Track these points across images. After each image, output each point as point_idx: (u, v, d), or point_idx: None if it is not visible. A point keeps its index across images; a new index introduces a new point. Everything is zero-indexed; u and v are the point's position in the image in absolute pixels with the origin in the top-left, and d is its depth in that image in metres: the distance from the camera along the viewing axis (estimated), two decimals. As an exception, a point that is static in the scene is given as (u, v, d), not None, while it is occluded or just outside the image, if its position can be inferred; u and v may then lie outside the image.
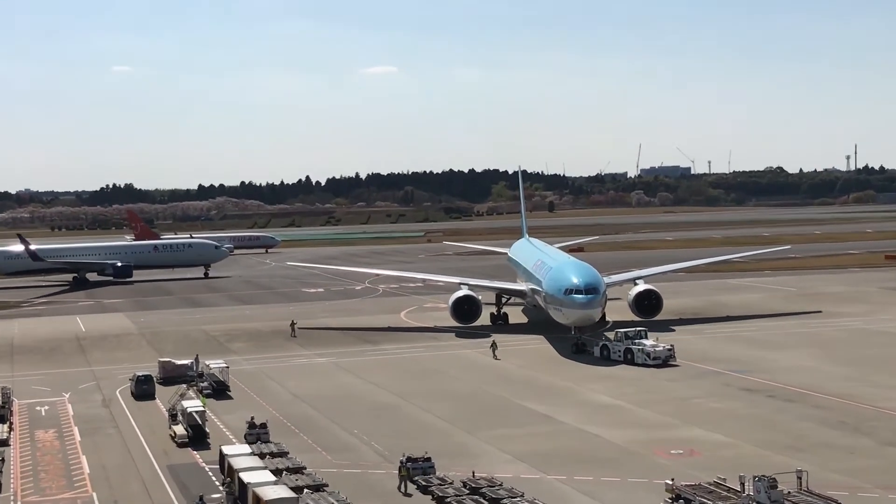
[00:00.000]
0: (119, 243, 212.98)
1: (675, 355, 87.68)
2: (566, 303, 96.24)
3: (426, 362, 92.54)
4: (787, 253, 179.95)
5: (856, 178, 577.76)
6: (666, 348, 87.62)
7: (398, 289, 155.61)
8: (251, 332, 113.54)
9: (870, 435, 61.74)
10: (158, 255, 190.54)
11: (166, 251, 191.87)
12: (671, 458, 58.23)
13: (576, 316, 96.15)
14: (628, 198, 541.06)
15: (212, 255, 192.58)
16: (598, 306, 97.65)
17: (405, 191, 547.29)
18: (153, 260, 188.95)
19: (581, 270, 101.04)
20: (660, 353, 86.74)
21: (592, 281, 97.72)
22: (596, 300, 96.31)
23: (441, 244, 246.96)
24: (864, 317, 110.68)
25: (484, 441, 63.48)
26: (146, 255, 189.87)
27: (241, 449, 57.38)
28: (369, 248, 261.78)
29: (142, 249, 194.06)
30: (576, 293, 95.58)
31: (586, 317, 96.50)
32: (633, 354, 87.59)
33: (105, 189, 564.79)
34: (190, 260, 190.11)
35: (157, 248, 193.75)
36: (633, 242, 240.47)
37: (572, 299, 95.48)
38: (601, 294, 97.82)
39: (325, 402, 76.12)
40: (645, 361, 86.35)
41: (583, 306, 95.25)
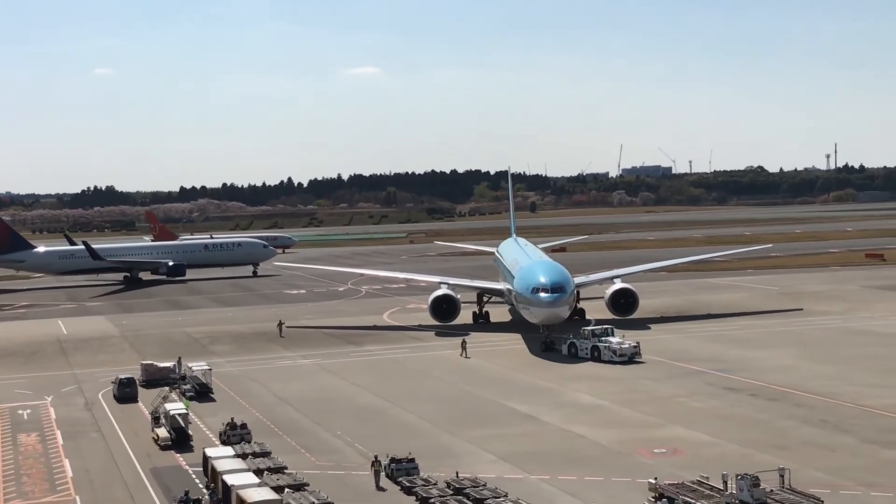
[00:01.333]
0: (171, 243, 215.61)
1: (640, 352, 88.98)
2: (533, 301, 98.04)
3: (409, 363, 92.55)
4: (769, 252, 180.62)
5: (836, 176, 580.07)
6: (632, 345, 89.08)
7: (381, 290, 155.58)
8: (234, 334, 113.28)
9: (851, 433, 62.01)
10: (209, 254, 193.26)
11: (216, 250, 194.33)
12: (654, 457, 58.37)
13: (542, 314, 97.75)
14: (610, 198, 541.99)
15: (260, 254, 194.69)
16: (564, 305, 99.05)
17: (387, 192, 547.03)
18: (204, 259, 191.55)
19: (549, 269, 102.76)
20: (626, 350, 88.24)
21: (559, 280, 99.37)
22: (562, 299, 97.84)
23: (426, 244, 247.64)
24: (845, 315, 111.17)
25: (467, 441, 63.49)
26: (197, 254, 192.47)
27: (224, 451, 57.29)
28: (352, 250, 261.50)
29: (193, 248, 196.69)
30: (542, 292, 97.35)
31: (552, 315, 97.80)
32: (599, 352, 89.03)
33: (86, 192, 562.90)
34: (239, 259, 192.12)
35: (207, 248, 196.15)
36: (615, 242, 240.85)
37: (539, 298, 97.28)
38: (568, 293, 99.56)
39: (308, 404, 76.03)
40: (611, 358, 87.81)
41: (549, 305, 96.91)
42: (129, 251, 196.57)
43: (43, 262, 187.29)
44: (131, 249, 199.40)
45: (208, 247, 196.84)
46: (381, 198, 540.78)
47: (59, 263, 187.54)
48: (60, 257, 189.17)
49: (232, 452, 56.99)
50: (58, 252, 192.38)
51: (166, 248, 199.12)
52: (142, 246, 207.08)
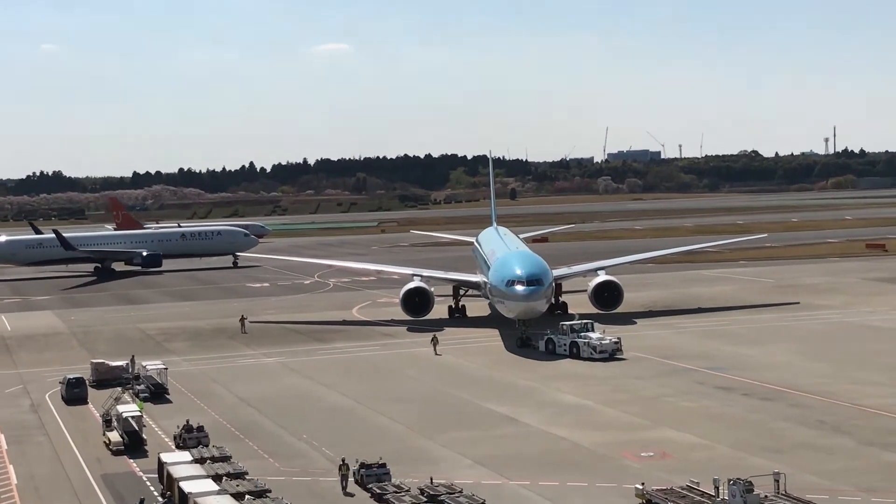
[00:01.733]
0: (146, 231, 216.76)
1: (622, 348, 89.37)
2: (508, 294, 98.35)
3: (380, 362, 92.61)
4: (763, 242, 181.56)
5: (834, 162, 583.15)
6: (613, 341, 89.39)
7: (350, 283, 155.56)
8: (191, 331, 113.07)
9: (850, 434, 62.46)
10: (186, 243, 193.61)
11: (194, 239, 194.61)
12: (641, 460, 58.62)
13: (518, 308, 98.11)
14: (595, 184, 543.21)
15: (241, 244, 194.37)
16: (541, 298, 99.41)
17: (357, 178, 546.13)
18: (180, 248, 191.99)
19: (526, 261, 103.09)
20: (606, 347, 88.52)
21: (536, 272, 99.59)
22: (539, 292, 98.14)
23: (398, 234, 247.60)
24: (844, 309, 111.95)
25: (442, 445, 63.61)
26: (174, 243, 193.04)
27: (180, 456, 57.16)
28: (318, 240, 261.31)
29: (169, 237, 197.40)
30: (517, 284, 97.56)
31: (528, 309, 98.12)
32: (578, 348, 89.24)
33: (31, 177, 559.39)
34: (219, 248, 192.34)
35: (184, 237, 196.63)
36: (601, 232, 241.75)
37: (514, 291, 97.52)
38: (546, 286, 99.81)
39: (272, 406, 75.95)
40: (591, 355, 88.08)
41: (524, 298, 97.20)
42: (102, 240, 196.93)
43: (7, 252, 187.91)
44: (103, 238, 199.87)
45: (185, 236, 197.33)
46: (351, 184, 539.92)
47: (26, 253, 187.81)
48: (27, 247, 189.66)
49: (189, 457, 56.87)
50: (24, 241, 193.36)
51: (141, 237, 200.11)
52: (115, 235, 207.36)
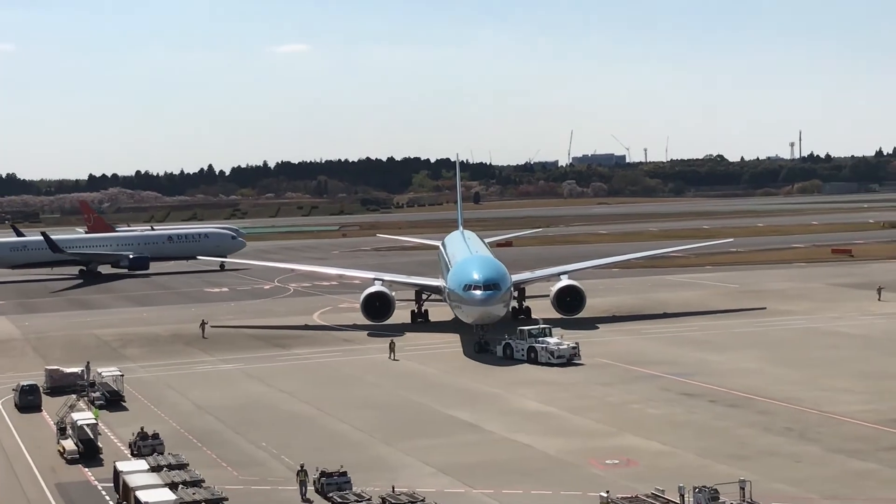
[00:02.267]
0: (132, 234, 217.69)
1: (580, 353, 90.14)
2: (465, 299, 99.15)
3: (342, 368, 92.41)
4: (729, 247, 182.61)
5: (800, 166, 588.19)
6: (571, 346, 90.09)
7: (311, 288, 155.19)
8: (148, 337, 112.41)
9: (817, 442, 62.83)
10: (173, 245, 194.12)
11: (181, 241, 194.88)
12: (606, 468, 58.72)
13: (475, 313, 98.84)
14: (560, 188, 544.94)
15: (229, 246, 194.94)
16: (498, 303, 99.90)
17: (318, 181, 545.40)
18: (167, 251, 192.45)
19: (483, 265, 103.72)
20: (564, 352, 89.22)
21: (493, 276, 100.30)
22: (496, 296, 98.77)
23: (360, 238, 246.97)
24: (810, 315, 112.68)
25: (404, 453, 63.48)
26: (160, 245, 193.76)
27: (136, 465, 56.73)
28: (279, 244, 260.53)
29: (156, 240, 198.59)
30: (474, 289, 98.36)
31: (485, 314, 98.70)
32: (536, 353, 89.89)
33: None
34: (206, 251, 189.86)
35: (171, 239, 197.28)
36: (565, 236, 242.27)
37: (471, 296, 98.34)
38: (503, 290, 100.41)
39: (231, 413, 75.59)
40: (549, 360, 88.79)
41: (481, 303, 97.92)
42: (87, 242, 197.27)
43: None
44: (89, 241, 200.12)
45: (172, 238, 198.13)
46: (311, 187, 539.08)
47: (10, 256, 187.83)
48: (11, 249, 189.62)
49: (146, 466, 56.46)
50: (8, 244, 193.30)
51: (127, 239, 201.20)
52: (101, 237, 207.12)
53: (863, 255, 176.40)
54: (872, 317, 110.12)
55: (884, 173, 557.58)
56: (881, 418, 67.54)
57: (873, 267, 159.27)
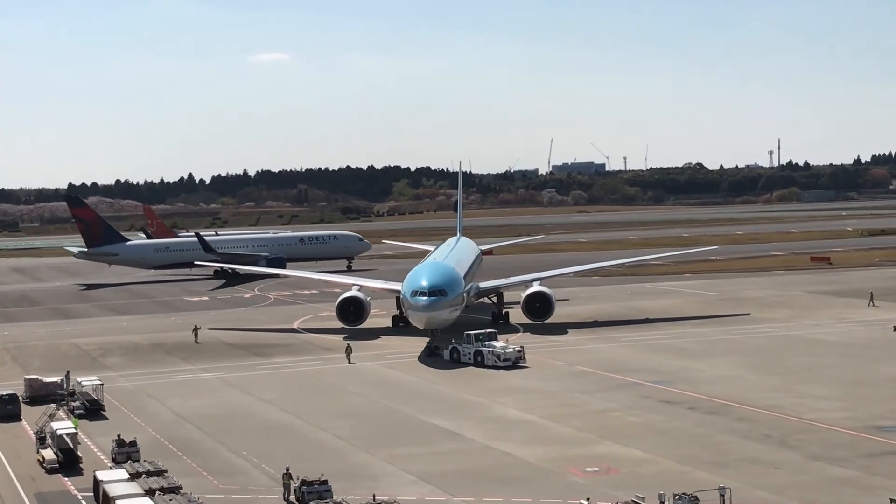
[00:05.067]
0: (267, 235, 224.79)
1: (525, 357, 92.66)
2: (412, 304, 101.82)
3: (322, 376, 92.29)
4: (709, 255, 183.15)
5: (779, 174, 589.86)
6: (516, 350, 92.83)
7: (291, 296, 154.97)
8: (128, 346, 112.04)
9: (796, 449, 63.04)
10: (305, 247, 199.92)
11: (312, 243, 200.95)
12: (587, 476, 58.79)
13: (420, 318, 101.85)
14: (539, 197, 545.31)
15: (356, 248, 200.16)
16: (444, 308, 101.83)
17: (298, 189, 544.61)
18: (299, 252, 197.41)
19: (433, 272, 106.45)
20: (510, 355, 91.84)
21: (439, 282, 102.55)
22: (441, 302, 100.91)
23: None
24: (789, 322, 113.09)
25: (385, 461, 63.44)
26: (293, 247, 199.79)
27: (116, 474, 56.49)
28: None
29: (288, 242, 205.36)
30: (420, 295, 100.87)
31: (430, 319, 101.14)
32: (482, 356, 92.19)
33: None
34: (335, 252, 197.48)
35: (302, 241, 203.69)
36: (545, 245, 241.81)
37: (417, 301, 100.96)
38: (451, 296, 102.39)
39: (211, 422, 75.41)
40: (495, 363, 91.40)
41: (425, 308, 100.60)
42: (231, 244, 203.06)
43: (137, 255, 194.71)
44: (232, 242, 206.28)
45: (304, 240, 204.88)
46: (292, 196, 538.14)
47: (154, 257, 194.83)
48: (155, 250, 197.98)
49: (126, 475, 56.24)
50: (152, 245, 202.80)
51: (262, 241, 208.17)
52: (237, 239, 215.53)
53: (841, 263, 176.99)
54: (851, 324, 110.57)
55: (862, 181, 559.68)
56: (860, 425, 67.82)
57: (852, 275, 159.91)
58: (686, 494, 48.94)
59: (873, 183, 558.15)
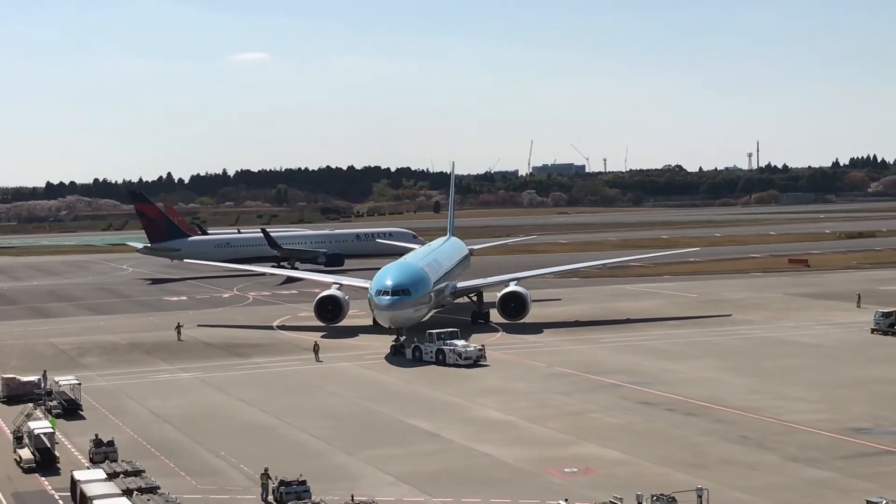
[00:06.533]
0: (324, 232, 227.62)
1: (485, 356, 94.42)
2: (376, 303, 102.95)
3: (301, 377, 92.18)
4: (688, 256, 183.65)
5: (758, 177, 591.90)
6: (477, 349, 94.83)
7: (270, 297, 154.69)
8: (106, 346, 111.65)
9: (774, 450, 63.32)
10: (361, 243, 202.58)
11: (368, 240, 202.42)
12: (565, 476, 58.93)
13: (384, 317, 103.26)
14: (519, 198, 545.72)
15: (411, 244, 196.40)
16: (407, 308, 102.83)
17: (278, 189, 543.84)
18: (354, 249, 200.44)
19: (398, 271, 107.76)
20: (471, 354, 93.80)
21: (402, 282, 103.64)
22: (404, 301, 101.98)
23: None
24: (767, 324, 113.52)
25: (364, 462, 63.44)
26: (349, 243, 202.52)
27: (93, 474, 56.34)
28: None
29: (345, 238, 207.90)
30: (383, 294, 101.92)
31: (393, 318, 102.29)
32: (444, 355, 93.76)
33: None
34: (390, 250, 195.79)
35: (359, 238, 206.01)
36: (525, 246, 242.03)
37: (380, 300, 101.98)
38: (413, 296, 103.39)
39: (189, 422, 75.24)
40: (456, 362, 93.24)
41: (387, 307, 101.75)
42: (289, 240, 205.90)
43: (199, 250, 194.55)
44: (290, 238, 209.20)
45: (360, 237, 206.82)
46: (271, 195, 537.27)
47: (215, 252, 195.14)
48: (216, 246, 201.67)
49: (103, 475, 56.09)
50: (214, 241, 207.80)
51: (320, 237, 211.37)
52: (297, 235, 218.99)
53: (819, 266, 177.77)
54: (829, 326, 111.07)
55: (840, 184, 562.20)
56: (837, 427, 68.18)
57: (829, 277, 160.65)
58: (664, 495, 49.10)
59: (851, 186, 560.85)
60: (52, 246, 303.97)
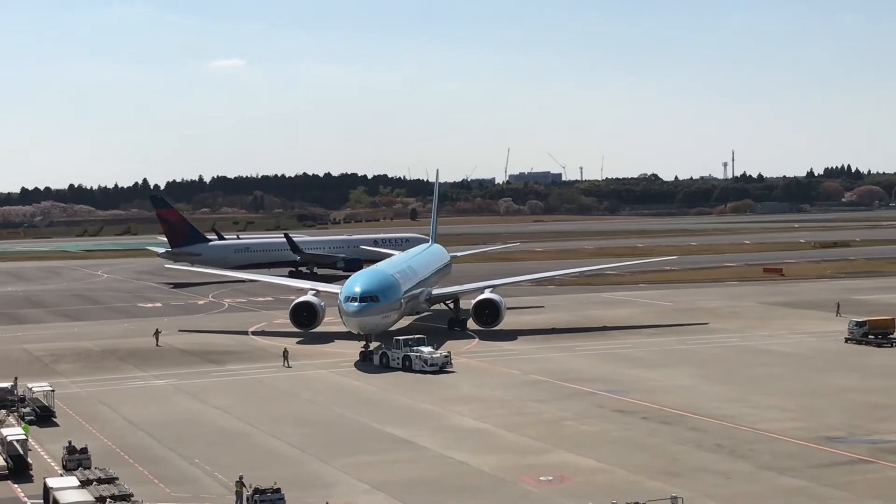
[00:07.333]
0: (342, 237, 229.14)
1: (451, 362, 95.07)
2: (344, 310, 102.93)
3: (276, 384, 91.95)
4: (664, 265, 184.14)
5: (733, 186, 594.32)
6: (443, 355, 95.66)
7: (245, 303, 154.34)
8: (80, 352, 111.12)
9: (748, 458, 63.50)
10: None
11: (386, 245, 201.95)
12: (540, 485, 58.93)
13: (351, 323, 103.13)
14: (496, 205, 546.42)
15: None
16: (375, 314, 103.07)
17: (254, 196, 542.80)
18: (372, 254, 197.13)
19: (367, 278, 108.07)
20: (437, 360, 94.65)
21: (370, 289, 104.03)
22: (371, 308, 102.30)
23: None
24: (742, 333, 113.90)
25: (339, 469, 63.30)
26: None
27: (67, 481, 56.05)
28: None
29: (363, 244, 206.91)
30: (351, 301, 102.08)
31: (360, 325, 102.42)
32: (411, 361, 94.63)
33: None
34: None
35: (377, 242, 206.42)
36: (501, 254, 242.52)
37: (349, 307, 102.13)
38: (382, 303, 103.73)
39: (163, 430, 74.93)
40: (422, 368, 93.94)
41: (354, 314, 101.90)
42: (309, 245, 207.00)
43: (218, 255, 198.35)
44: (309, 244, 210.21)
45: (378, 241, 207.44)
46: (248, 202, 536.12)
47: (235, 257, 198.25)
48: (236, 251, 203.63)
49: (76, 482, 55.81)
50: (233, 246, 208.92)
51: (338, 243, 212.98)
52: (316, 240, 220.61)
53: (794, 275, 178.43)
54: (803, 335, 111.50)
55: (815, 194, 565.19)
56: (811, 436, 68.43)
57: (804, 286, 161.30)
58: (639, 503, 49.13)
59: (826, 195, 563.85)
60: (26, 252, 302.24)
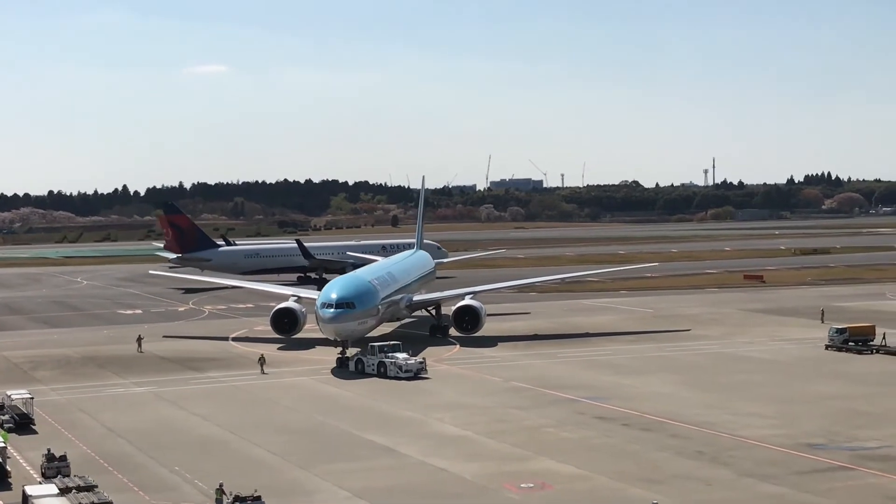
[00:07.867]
0: (351, 243, 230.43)
1: (426, 368, 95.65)
2: (320, 316, 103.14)
3: (257, 391, 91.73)
4: (644, 272, 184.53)
5: (714, 193, 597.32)
6: (418, 361, 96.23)
7: (226, 310, 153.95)
8: (59, 359, 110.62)
9: (729, 465, 63.62)
10: (386, 254, 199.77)
11: (394, 251, 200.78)
12: (521, 492, 58.91)
13: (327, 329, 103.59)
14: (477, 212, 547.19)
15: (435, 255, 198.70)
16: (351, 321, 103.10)
17: (235, 202, 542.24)
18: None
19: (345, 284, 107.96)
20: (412, 367, 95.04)
21: (347, 295, 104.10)
22: (347, 314, 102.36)
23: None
24: (722, 340, 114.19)
25: (319, 477, 63.16)
26: (375, 254, 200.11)
27: (46, 489, 55.81)
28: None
29: (372, 249, 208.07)
30: (327, 307, 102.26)
31: (336, 331, 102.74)
32: (386, 368, 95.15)
33: None
34: None
35: (385, 248, 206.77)
36: (481, 261, 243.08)
37: (324, 313, 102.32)
38: (358, 309, 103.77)
39: (143, 437, 74.64)
40: (397, 374, 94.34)
41: (330, 320, 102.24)
42: (318, 251, 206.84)
43: (228, 261, 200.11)
44: (318, 249, 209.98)
45: (386, 248, 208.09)
46: (228, 209, 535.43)
47: (245, 263, 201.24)
48: (246, 256, 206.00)
49: (55, 490, 55.57)
50: (243, 251, 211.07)
51: (346, 249, 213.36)
52: (325, 246, 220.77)
53: (774, 282, 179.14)
54: (783, 342, 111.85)
55: (795, 201, 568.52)
56: (792, 442, 68.62)
57: (784, 293, 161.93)
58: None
59: (806, 203, 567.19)
60: (5, 258, 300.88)
